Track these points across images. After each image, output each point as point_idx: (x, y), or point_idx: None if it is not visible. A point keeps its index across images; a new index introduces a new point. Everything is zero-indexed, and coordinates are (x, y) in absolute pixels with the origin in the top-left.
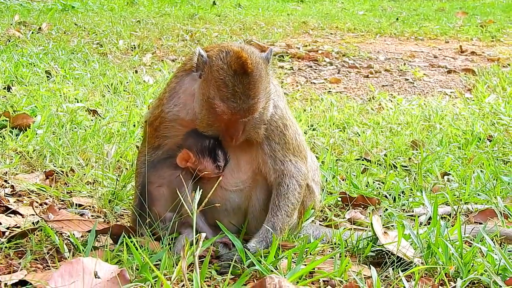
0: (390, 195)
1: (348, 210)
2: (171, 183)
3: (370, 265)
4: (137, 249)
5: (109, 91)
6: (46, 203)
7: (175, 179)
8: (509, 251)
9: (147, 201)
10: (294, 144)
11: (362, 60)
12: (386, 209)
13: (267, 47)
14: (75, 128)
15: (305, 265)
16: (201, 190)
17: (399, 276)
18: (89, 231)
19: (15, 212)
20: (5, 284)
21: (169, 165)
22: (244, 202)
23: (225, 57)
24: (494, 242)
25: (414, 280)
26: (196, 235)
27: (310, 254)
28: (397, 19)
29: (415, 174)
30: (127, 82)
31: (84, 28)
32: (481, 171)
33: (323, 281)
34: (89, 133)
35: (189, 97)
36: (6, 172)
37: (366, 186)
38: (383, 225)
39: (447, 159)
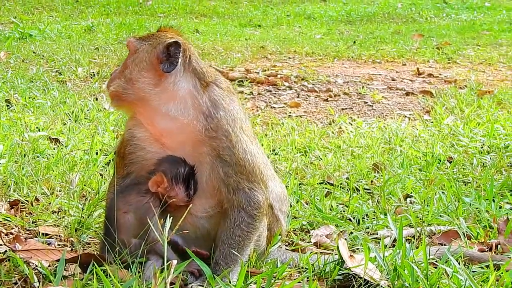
0: (354, 218)
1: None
2: (138, 210)
3: None
4: (107, 277)
5: (70, 119)
6: (12, 233)
7: (142, 206)
8: (473, 271)
9: (113, 227)
10: (248, 167)
11: (321, 83)
12: (351, 232)
13: (227, 72)
14: (38, 157)
15: None
16: (171, 217)
17: None
18: (57, 260)
19: None
20: None
21: (137, 191)
22: (214, 227)
23: None
24: (458, 263)
25: None
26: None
27: (278, 279)
28: (354, 42)
29: (378, 196)
30: (87, 110)
31: (43, 56)
32: (442, 192)
33: None
34: (52, 162)
35: None
36: None
37: (330, 209)
38: (348, 248)
39: (408, 181)
